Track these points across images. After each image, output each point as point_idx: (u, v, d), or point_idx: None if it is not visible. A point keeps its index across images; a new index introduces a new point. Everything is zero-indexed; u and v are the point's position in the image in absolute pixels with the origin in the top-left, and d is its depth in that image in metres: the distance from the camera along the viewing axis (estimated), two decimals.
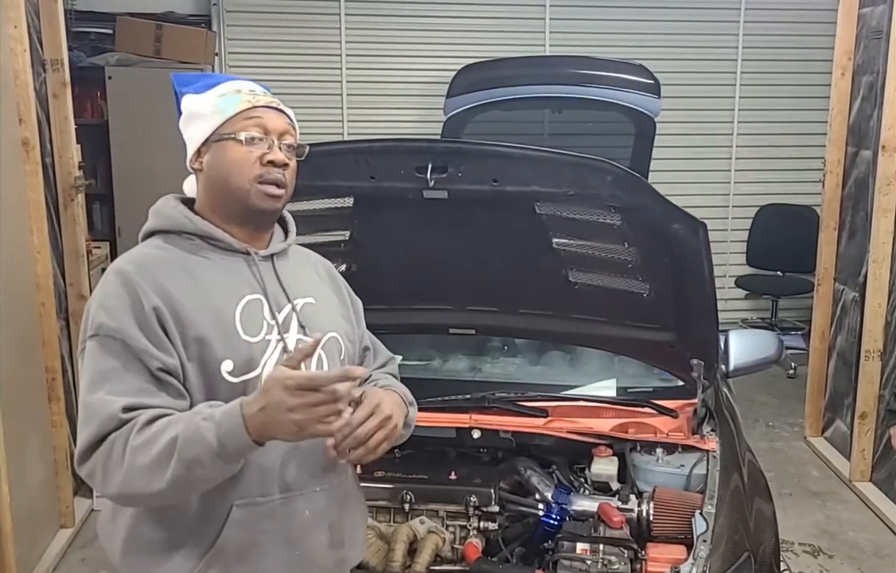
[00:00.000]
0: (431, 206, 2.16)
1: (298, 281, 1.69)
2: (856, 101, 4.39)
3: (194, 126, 1.63)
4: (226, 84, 1.65)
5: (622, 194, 2.12)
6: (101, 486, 1.46)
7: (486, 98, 4.79)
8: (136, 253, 1.60)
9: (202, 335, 1.50)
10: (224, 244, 1.60)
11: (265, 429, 1.38)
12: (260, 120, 1.59)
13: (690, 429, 2.35)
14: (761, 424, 5.00)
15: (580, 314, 2.52)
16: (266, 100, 1.63)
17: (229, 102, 1.60)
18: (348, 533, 1.69)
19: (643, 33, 6.11)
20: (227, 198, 1.60)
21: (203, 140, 1.61)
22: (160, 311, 1.49)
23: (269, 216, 1.64)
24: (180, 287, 1.53)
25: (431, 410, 2.37)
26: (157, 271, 1.53)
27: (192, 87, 1.66)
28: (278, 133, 1.61)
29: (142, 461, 1.39)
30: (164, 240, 1.61)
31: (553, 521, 2.10)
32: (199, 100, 1.63)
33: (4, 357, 3.11)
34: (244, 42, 6.04)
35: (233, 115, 1.59)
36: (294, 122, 1.68)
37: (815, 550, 3.63)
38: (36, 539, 3.42)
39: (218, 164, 1.59)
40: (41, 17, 3.65)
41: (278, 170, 1.59)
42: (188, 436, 1.38)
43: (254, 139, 1.58)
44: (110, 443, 1.42)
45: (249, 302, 1.58)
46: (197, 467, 1.38)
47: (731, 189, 6.54)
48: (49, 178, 3.67)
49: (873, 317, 4.01)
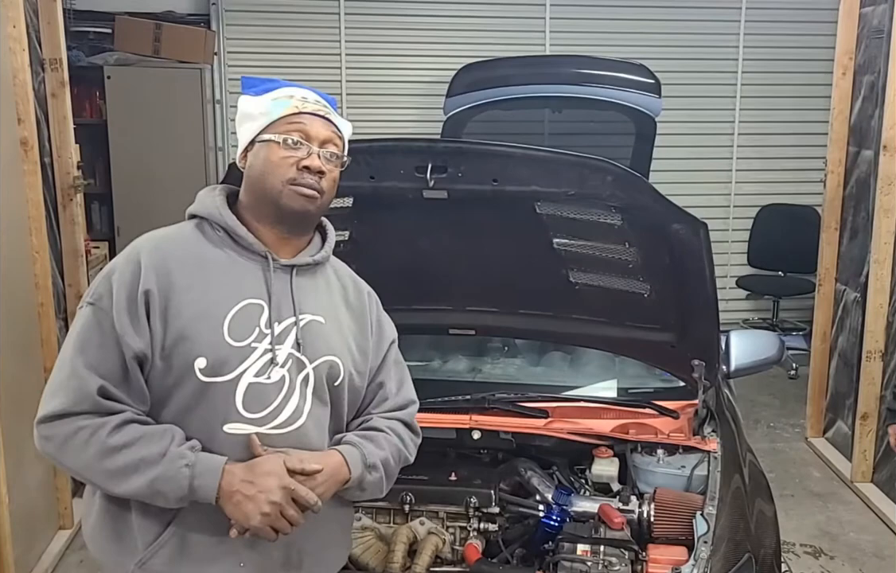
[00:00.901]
0: (431, 206, 2.15)
1: (315, 297, 1.67)
2: (857, 101, 4.38)
3: (245, 126, 1.66)
4: (282, 90, 1.67)
5: (623, 194, 2.11)
6: (53, 455, 1.51)
7: (486, 98, 4.79)
8: (162, 232, 1.65)
9: (185, 328, 1.52)
10: (245, 243, 1.61)
11: (236, 504, 1.48)
12: (302, 126, 1.62)
13: (691, 429, 2.34)
14: (762, 425, 4.99)
15: (581, 314, 2.51)
16: (314, 107, 1.64)
17: (278, 106, 1.63)
18: (311, 552, 1.64)
19: (644, 33, 6.10)
20: (261, 197, 1.62)
21: (249, 140, 1.65)
22: (150, 295, 1.52)
23: (301, 218, 1.64)
24: (185, 277, 1.55)
25: (431, 411, 2.37)
26: (169, 255, 1.57)
27: (253, 89, 1.68)
28: (320, 140, 1.63)
29: (107, 465, 1.47)
30: (197, 225, 1.64)
31: (553, 522, 2.09)
32: (253, 102, 1.66)
33: (3, 357, 3.10)
34: (243, 41, 6.03)
35: (278, 119, 1.62)
36: (342, 132, 1.69)
37: (817, 551, 3.62)
38: (34, 540, 3.41)
39: (257, 164, 1.62)
40: (40, 16, 3.65)
41: (313, 176, 1.60)
42: (167, 476, 1.46)
43: (294, 143, 1.60)
44: (77, 427, 1.48)
45: (248, 305, 1.58)
46: (160, 498, 1.48)
47: (732, 189, 6.54)
48: (48, 178, 3.66)
49: (875, 318, 4.00)
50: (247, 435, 1.54)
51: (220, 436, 1.53)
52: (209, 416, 1.53)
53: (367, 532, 2.10)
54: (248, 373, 1.54)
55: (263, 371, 1.56)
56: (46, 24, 3.67)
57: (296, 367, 1.60)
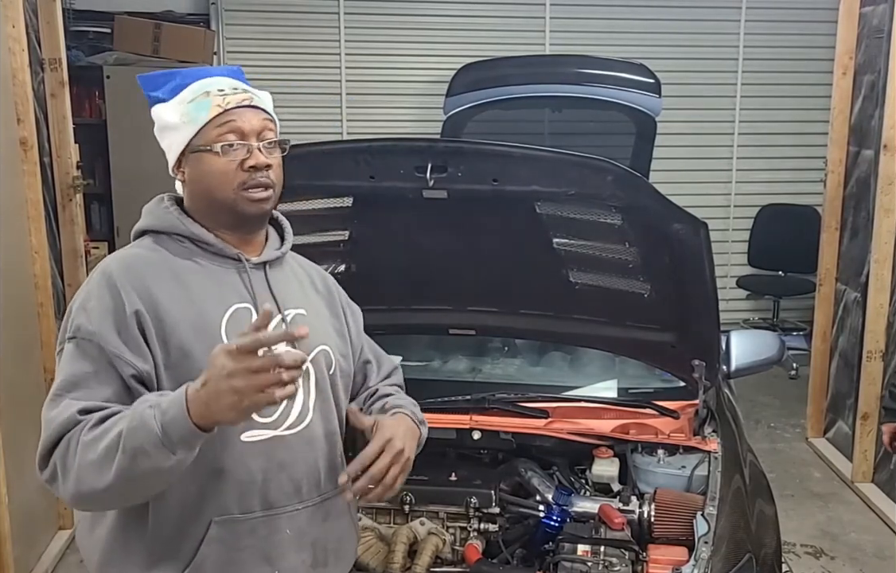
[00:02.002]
0: (431, 206, 2.15)
1: (291, 291, 1.65)
2: (857, 101, 4.38)
3: (168, 138, 1.58)
4: (193, 87, 1.57)
5: (623, 194, 2.11)
6: (61, 488, 1.40)
7: (486, 97, 4.77)
8: (124, 253, 1.57)
9: (184, 344, 1.47)
10: (215, 249, 1.56)
11: (207, 409, 1.29)
12: (234, 124, 1.53)
13: (692, 430, 2.34)
14: (763, 425, 4.99)
15: (581, 314, 2.51)
16: (237, 99, 1.55)
17: (199, 109, 1.54)
18: (332, 549, 1.64)
19: (644, 32, 6.10)
20: (213, 208, 1.56)
21: (180, 152, 1.56)
22: (141, 316, 1.45)
23: (259, 219, 1.60)
24: (166, 292, 1.49)
25: (431, 411, 2.36)
26: (143, 273, 1.50)
27: (160, 91, 1.60)
28: (256, 133, 1.55)
29: (90, 457, 1.34)
30: (155, 240, 1.57)
31: (554, 523, 2.08)
32: (169, 109, 1.58)
33: (3, 358, 3.10)
34: (243, 41, 6.03)
35: (205, 124, 1.53)
36: (271, 114, 1.60)
37: (817, 552, 3.62)
38: (34, 540, 3.41)
39: (199, 177, 1.55)
40: (39, 16, 3.65)
41: (262, 172, 1.53)
42: (133, 425, 1.32)
43: (231, 147, 1.52)
44: (66, 441, 1.38)
45: (237, 311, 1.53)
46: (142, 457, 1.31)
47: (732, 188, 6.53)
48: (47, 178, 3.66)
49: (875, 318, 4.00)
50: (264, 440, 1.51)
51: (239, 447, 1.49)
52: (224, 429, 1.44)
53: (367, 532, 2.09)
54: None
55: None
56: (46, 24, 3.67)
57: None
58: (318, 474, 1.59)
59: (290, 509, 1.55)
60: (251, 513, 1.52)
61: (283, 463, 1.54)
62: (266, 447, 1.52)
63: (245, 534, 1.51)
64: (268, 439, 1.52)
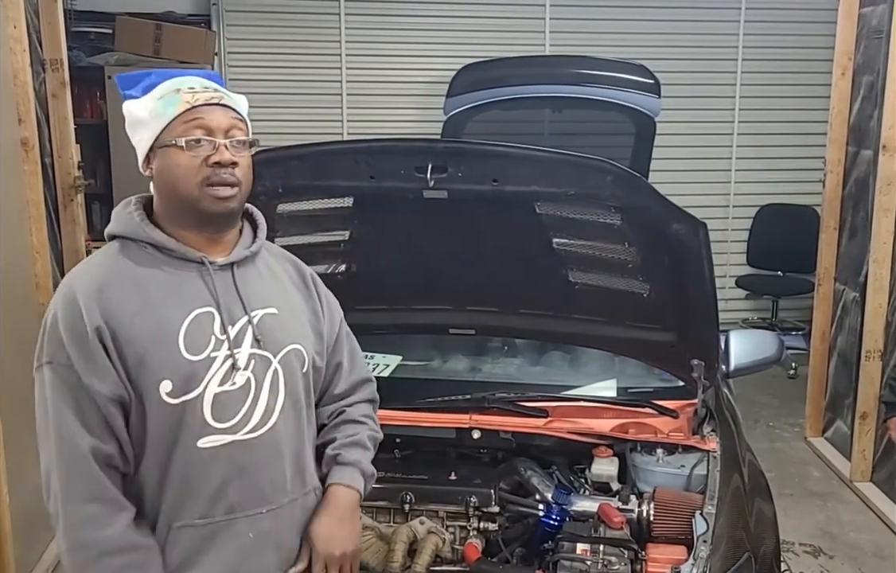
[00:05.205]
0: (431, 206, 2.15)
1: (261, 289, 1.62)
2: (856, 101, 4.38)
3: (138, 133, 1.57)
4: (164, 84, 1.57)
5: (622, 194, 2.12)
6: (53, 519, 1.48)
7: (486, 98, 4.78)
8: (89, 265, 1.58)
9: (141, 354, 1.46)
10: (177, 253, 1.54)
11: None
12: (201, 120, 1.52)
13: (691, 429, 2.34)
14: (762, 425, 4.99)
15: (580, 314, 2.51)
16: (206, 96, 1.54)
17: (168, 105, 1.53)
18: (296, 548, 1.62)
19: (643, 33, 6.10)
20: (178, 205, 1.54)
21: (148, 147, 1.55)
22: (101, 332, 1.45)
23: (224, 218, 1.57)
24: (126, 302, 1.49)
25: (431, 411, 2.37)
26: (104, 284, 1.50)
27: (133, 89, 1.59)
28: (223, 131, 1.53)
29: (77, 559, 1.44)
30: (121, 246, 1.57)
31: (553, 522, 2.09)
32: (139, 105, 1.56)
33: (4, 357, 3.10)
34: (244, 42, 6.03)
35: (173, 120, 1.52)
36: (242, 113, 1.59)
37: (816, 551, 3.62)
38: (35, 540, 3.41)
39: (165, 172, 1.53)
40: (41, 16, 3.65)
41: (226, 170, 1.52)
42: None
43: (196, 142, 1.51)
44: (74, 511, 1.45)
45: (198, 316, 1.52)
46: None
47: (731, 189, 6.53)
48: (48, 178, 3.67)
49: (874, 318, 4.01)
50: (223, 445, 1.50)
51: (196, 453, 1.49)
52: (184, 437, 1.48)
53: (367, 531, 2.10)
54: (212, 383, 1.49)
55: (227, 378, 1.51)
56: (47, 25, 3.68)
57: (261, 366, 1.56)
58: (283, 477, 1.58)
59: (254, 513, 1.54)
60: (211, 519, 1.51)
61: (243, 467, 1.52)
62: (225, 452, 1.51)
63: (205, 538, 1.51)
64: (227, 444, 1.51)
